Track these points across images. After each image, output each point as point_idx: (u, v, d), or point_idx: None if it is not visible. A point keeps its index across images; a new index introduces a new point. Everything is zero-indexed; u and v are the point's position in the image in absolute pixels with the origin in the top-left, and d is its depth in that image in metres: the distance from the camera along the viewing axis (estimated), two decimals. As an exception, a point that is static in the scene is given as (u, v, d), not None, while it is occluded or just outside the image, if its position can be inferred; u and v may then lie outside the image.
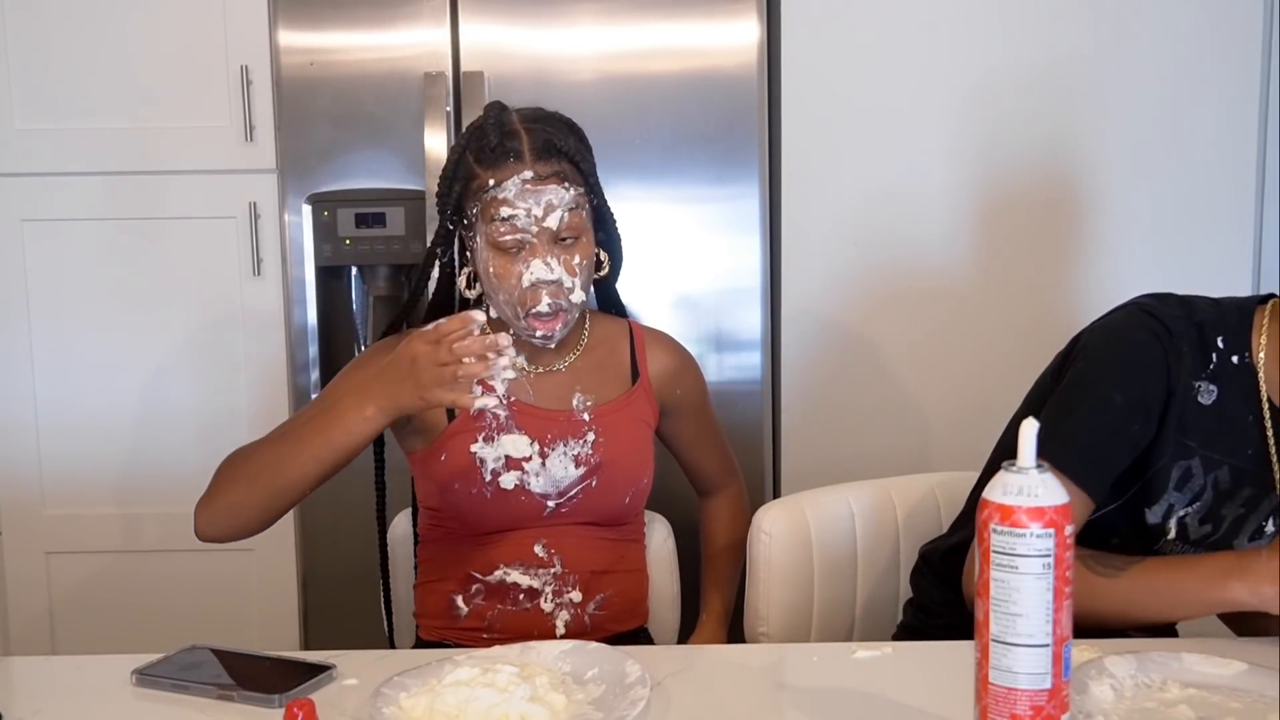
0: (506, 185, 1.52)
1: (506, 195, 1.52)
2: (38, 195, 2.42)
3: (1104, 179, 2.36)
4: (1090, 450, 1.45)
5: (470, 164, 1.56)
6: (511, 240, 1.53)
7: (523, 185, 1.52)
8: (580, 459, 1.62)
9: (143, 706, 1.28)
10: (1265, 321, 1.48)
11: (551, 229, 1.53)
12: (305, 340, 2.36)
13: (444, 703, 1.19)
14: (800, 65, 2.34)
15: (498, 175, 1.53)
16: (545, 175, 1.53)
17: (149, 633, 2.44)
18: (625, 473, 1.65)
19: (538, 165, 1.53)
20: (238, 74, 2.35)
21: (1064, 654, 1.04)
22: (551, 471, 1.60)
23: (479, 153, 1.56)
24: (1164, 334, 1.47)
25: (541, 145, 1.55)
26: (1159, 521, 1.50)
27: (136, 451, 2.46)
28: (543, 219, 1.53)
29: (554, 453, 1.61)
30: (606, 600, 1.65)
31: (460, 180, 1.57)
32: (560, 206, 1.53)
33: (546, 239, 1.54)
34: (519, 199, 1.52)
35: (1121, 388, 1.46)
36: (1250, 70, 2.33)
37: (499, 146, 1.54)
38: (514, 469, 1.59)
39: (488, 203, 1.53)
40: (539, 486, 1.60)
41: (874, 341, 2.40)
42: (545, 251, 1.53)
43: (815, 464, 2.36)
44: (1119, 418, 1.46)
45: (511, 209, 1.52)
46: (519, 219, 1.52)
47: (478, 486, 1.59)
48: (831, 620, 1.77)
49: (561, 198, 1.54)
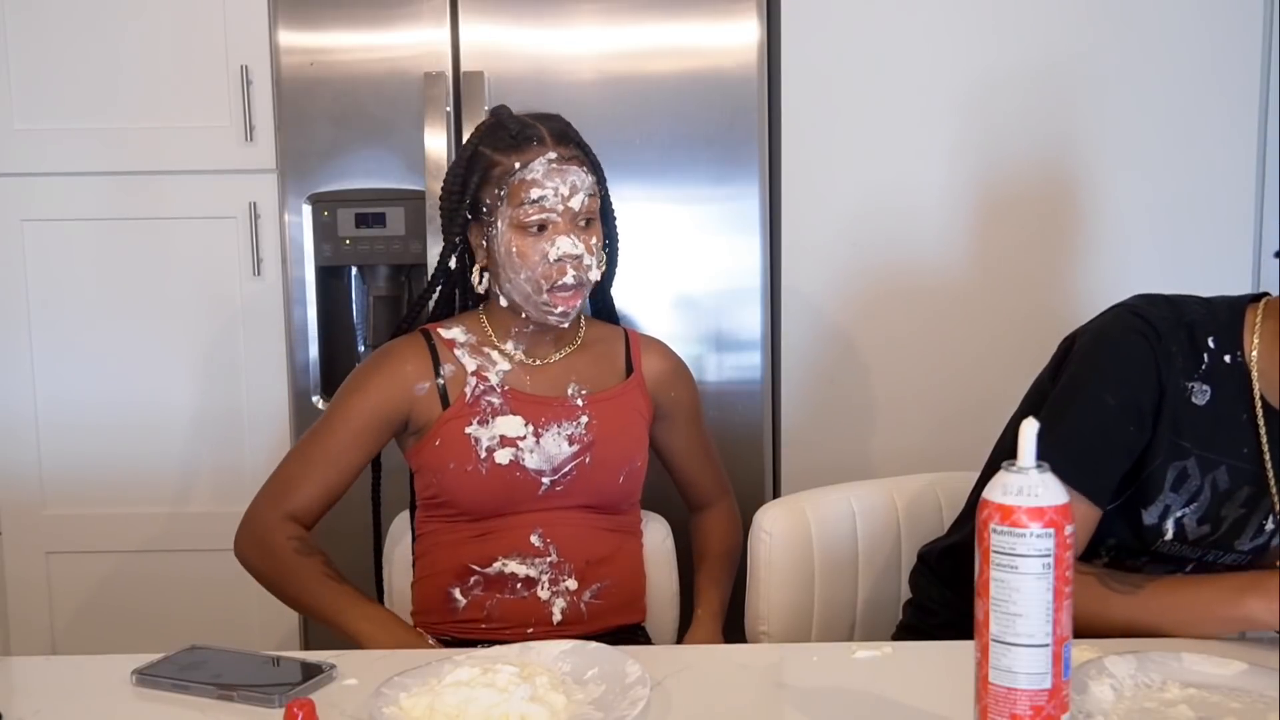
0: (533, 166, 1.59)
1: (535, 175, 1.59)
2: (38, 195, 2.42)
3: (1104, 178, 2.35)
4: (1086, 455, 1.45)
5: (489, 155, 1.63)
6: (538, 219, 1.59)
7: (549, 165, 1.59)
8: (574, 438, 1.65)
9: (143, 706, 1.28)
10: (1258, 320, 1.48)
11: (574, 209, 1.60)
12: (305, 340, 2.36)
13: (444, 703, 1.19)
14: (800, 65, 2.34)
15: (523, 158, 1.60)
16: (567, 157, 1.61)
17: (149, 633, 2.44)
18: (618, 451, 1.68)
19: (559, 148, 1.61)
20: (238, 74, 2.35)
21: (1064, 654, 1.04)
22: (545, 448, 1.63)
23: (498, 143, 1.62)
24: (1152, 335, 1.46)
25: (559, 132, 1.63)
26: (1155, 523, 1.50)
27: (137, 451, 2.46)
28: (568, 198, 1.60)
29: (547, 432, 1.64)
30: (603, 590, 1.66)
31: (479, 171, 1.63)
32: (582, 189, 1.61)
33: (569, 218, 1.60)
34: (546, 178, 1.59)
35: (1113, 391, 1.46)
36: (1250, 70, 2.33)
37: (520, 134, 1.62)
38: (508, 446, 1.62)
39: (516, 185, 1.59)
40: (533, 463, 1.62)
41: (874, 341, 2.40)
42: (568, 229, 1.60)
43: (815, 464, 2.36)
44: (1113, 421, 1.46)
45: (540, 189, 1.59)
46: (547, 199, 1.59)
47: (473, 464, 1.61)
48: (831, 620, 1.77)
49: (584, 180, 1.61)
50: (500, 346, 1.68)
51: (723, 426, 2.29)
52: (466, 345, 1.67)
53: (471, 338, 1.68)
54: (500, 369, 1.66)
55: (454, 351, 1.67)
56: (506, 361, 1.67)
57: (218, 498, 2.46)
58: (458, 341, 1.67)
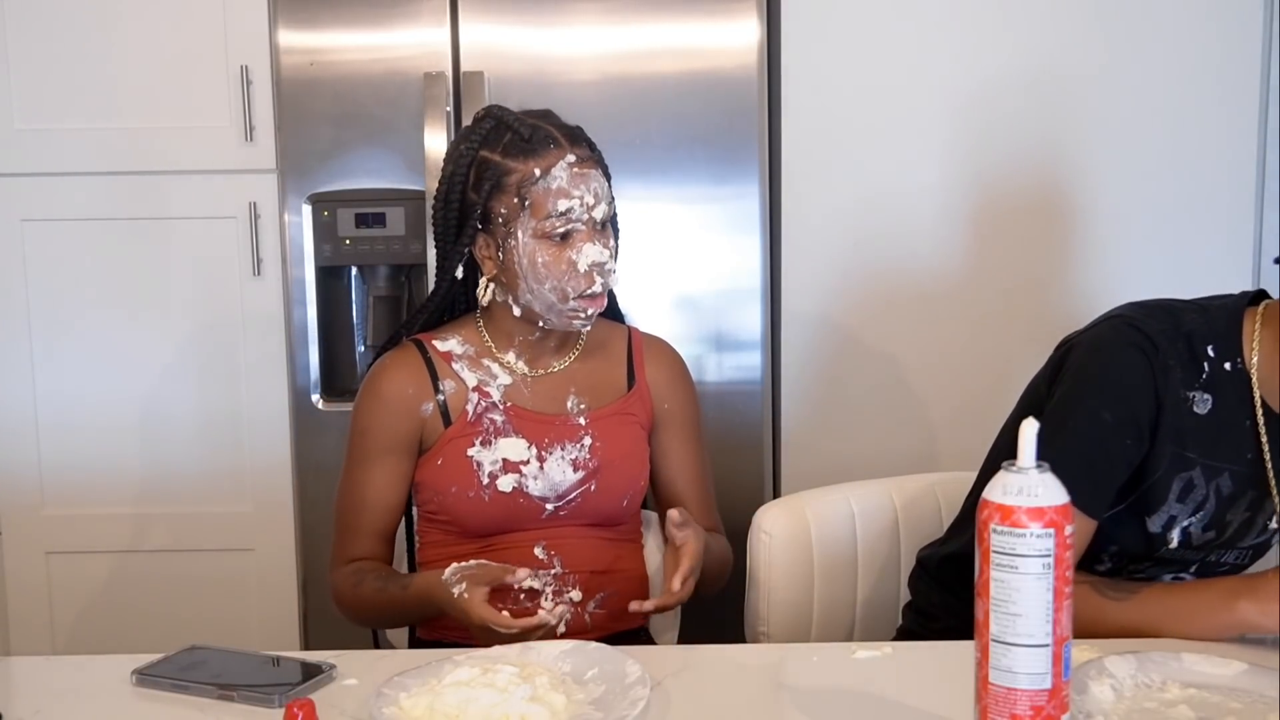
0: (555, 173, 1.54)
1: (560, 184, 1.54)
2: (38, 195, 2.42)
3: (1104, 179, 2.35)
4: (1083, 471, 1.43)
5: (499, 161, 1.56)
6: (565, 229, 1.55)
7: (570, 170, 1.54)
8: (578, 463, 1.62)
9: (143, 706, 1.28)
10: (1257, 326, 1.47)
11: (597, 219, 1.57)
12: (305, 340, 2.36)
13: (444, 703, 1.19)
14: (800, 65, 2.34)
15: (542, 164, 1.54)
16: (584, 159, 1.56)
17: (149, 633, 2.44)
18: (623, 476, 1.66)
19: (575, 149, 1.56)
20: (238, 74, 2.35)
21: (1064, 654, 1.04)
22: (550, 475, 1.61)
23: (508, 148, 1.56)
24: (1149, 348, 1.45)
25: (569, 132, 1.58)
26: (1160, 531, 1.49)
27: (137, 451, 2.46)
28: (593, 207, 1.56)
29: (551, 457, 1.61)
30: (606, 599, 1.65)
31: (490, 180, 1.56)
32: (604, 199, 1.58)
33: (592, 226, 1.56)
34: (572, 186, 1.54)
35: (1109, 406, 1.46)
36: (1250, 71, 2.33)
37: (533, 136, 1.55)
38: (511, 472, 1.59)
39: (539, 195, 1.54)
40: (537, 490, 1.61)
41: (874, 341, 2.40)
42: (591, 237, 1.56)
43: (815, 464, 2.36)
44: (1109, 436, 1.45)
45: (568, 199, 1.54)
46: (574, 209, 1.54)
47: (475, 490, 1.59)
48: (831, 620, 1.77)
49: (604, 187, 1.58)
50: (500, 358, 1.65)
51: (723, 426, 2.29)
52: (465, 358, 1.64)
53: (469, 349, 1.65)
54: (501, 383, 1.63)
55: (452, 366, 1.63)
56: (506, 374, 1.64)
57: (218, 498, 2.46)
58: (455, 354, 1.64)
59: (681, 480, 1.73)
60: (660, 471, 1.73)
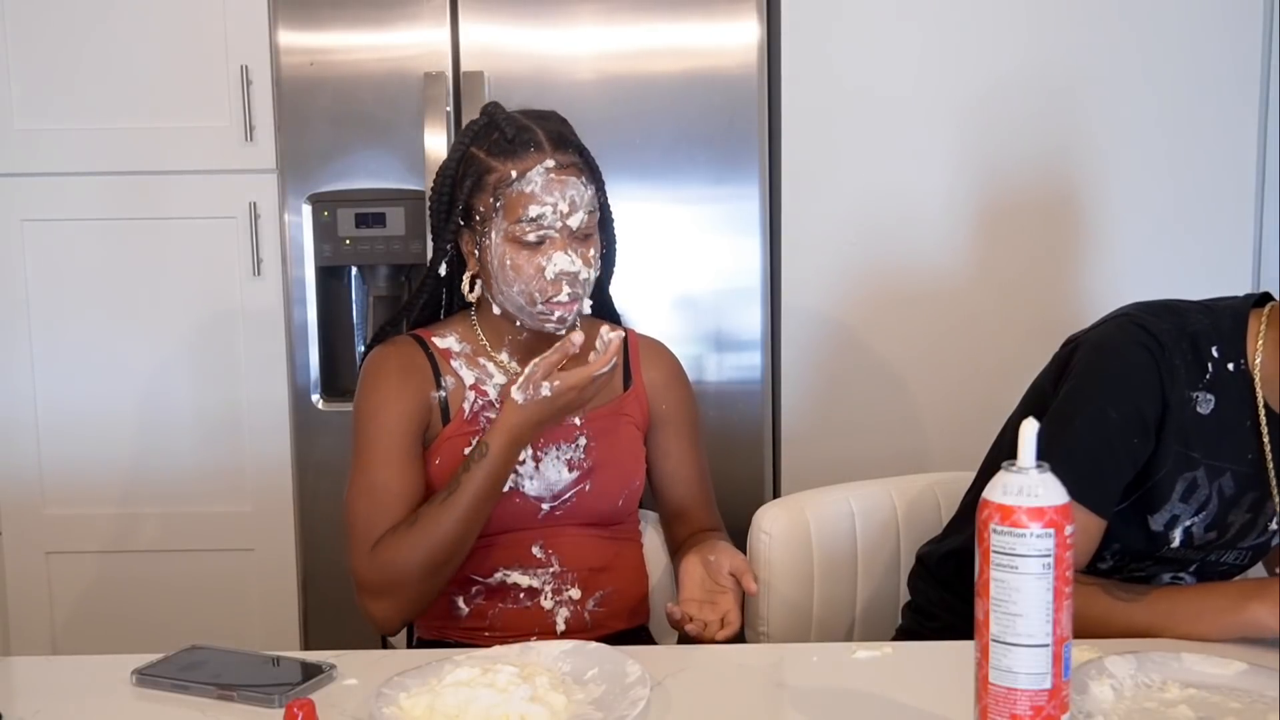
0: (530, 176, 1.53)
1: (533, 189, 1.52)
2: (38, 195, 2.42)
3: (1104, 180, 2.35)
4: (1090, 469, 1.44)
5: (483, 159, 1.56)
6: (535, 236, 1.53)
7: (547, 175, 1.53)
8: (573, 463, 1.62)
9: (143, 706, 1.28)
10: (1262, 328, 1.48)
11: (573, 227, 1.54)
12: (305, 340, 2.36)
13: (444, 703, 1.19)
14: (800, 66, 2.34)
15: (519, 166, 1.53)
16: (565, 165, 1.54)
17: (149, 633, 2.44)
18: (618, 476, 1.66)
19: (557, 154, 1.54)
20: (238, 74, 2.35)
21: (1064, 654, 1.04)
22: (545, 475, 1.61)
23: (492, 147, 1.56)
24: (1155, 348, 1.46)
25: (556, 136, 1.56)
26: (1163, 530, 1.50)
27: (137, 451, 2.46)
28: (567, 215, 1.53)
29: (546, 457, 1.61)
30: (605, 597, 1.65)
31: (472, 176, 1.56)
32: (581, 207, 1.54)
33: (566, 234, 1.54)
34: (545, 192, 1.52)
35: (1116, 404, 1.46)
36: (1250, 71, 2.33)
37: (516, 138, 1.54)
38: None
39: (513, 198, 1.53)
40: (533, 490, 1.61)
41: (874, 341, 2.40)
42: (565, 245, 1.54)
43: (815, 464, 2.36)
44: (1116, 434, 1.45)
45: (539, 205, 1.52)
46: (545, 216, 1.52)
47: None
48: (831, 620, 1.77)
49: (583, 195, 1.55)
50: (495, 357, 1.65)
51: (723, 426, 2.29)
52: (462, 355, 1.64)
53: (466, 347, 1.64)
54: (497, 382, 1.63)
55: (451, 363, 1.63)
56: (501, 373, 1.64)
57: (218, 498, 2.46)
58: (453, 351, 1.64)
59: (680, 480, 1.74)
60: (659, 472, 1.73)
